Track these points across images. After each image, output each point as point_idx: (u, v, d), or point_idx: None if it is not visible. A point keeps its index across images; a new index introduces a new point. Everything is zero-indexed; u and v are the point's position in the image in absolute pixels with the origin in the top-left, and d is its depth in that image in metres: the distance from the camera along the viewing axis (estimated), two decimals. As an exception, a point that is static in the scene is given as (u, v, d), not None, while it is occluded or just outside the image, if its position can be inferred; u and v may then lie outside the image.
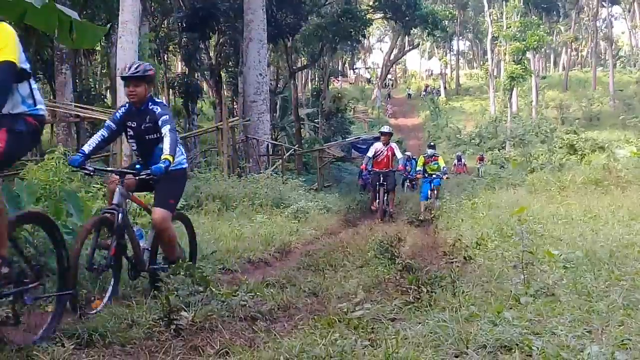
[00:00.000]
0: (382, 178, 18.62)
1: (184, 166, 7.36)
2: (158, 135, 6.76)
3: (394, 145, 19.15)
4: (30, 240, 6.75)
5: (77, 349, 4.56)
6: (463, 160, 38.73)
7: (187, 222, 7.98)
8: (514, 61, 56.73)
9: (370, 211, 19.54)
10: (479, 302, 5.56)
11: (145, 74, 6.89)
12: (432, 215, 18.00)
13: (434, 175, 20.04)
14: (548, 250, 7.70)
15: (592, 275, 6.44)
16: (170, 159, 6.40)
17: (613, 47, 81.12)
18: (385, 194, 18.64)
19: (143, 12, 21.92)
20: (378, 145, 18.95)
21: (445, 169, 20.81)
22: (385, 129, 19.66)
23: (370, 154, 18.92)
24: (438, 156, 21.02)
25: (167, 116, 6.79)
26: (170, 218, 7.01)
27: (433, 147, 21.95)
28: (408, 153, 32.86)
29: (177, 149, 6.74)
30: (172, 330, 5.10)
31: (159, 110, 6.84)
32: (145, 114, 6.90)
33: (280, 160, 28.49)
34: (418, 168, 21.22)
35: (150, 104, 6.92)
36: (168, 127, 6.65)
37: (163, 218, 6.82)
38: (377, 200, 18.77)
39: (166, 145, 6.49)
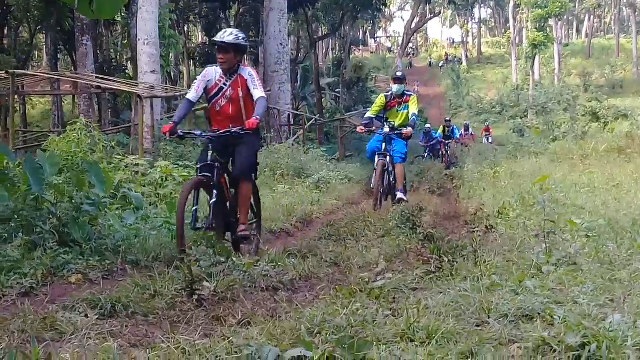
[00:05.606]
0: (217, 149, 7.66)
1: None
2: None
3: (248, 73, 7.92)
4: (54, 211, 6.79)
5: (100, 319, 4.59)
6: (471, 130, 37.97)
7: None
8: (536, 29, 56.30)
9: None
10: (501, 271, 5.54)
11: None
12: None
13: (389, 129, 12.53)
14: (570, 219, 7.66)
15: (614, 244, 6.40)
16: None
17: (637, 13, 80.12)
18: (222, 189, 7.70)
19: (163, -18, 21.88)
20: (210, 73, 8.02)
21: (414, 118, 12.66)
22: (228, 37, 7.76)
23: (191, 94, 8.02)
24: (410, 95, 12.97)
25: None
26: None
27: (401, 79, 12.92)
28: (428, 125, 32.47)
29: None
30: (194, 301, 5.12)
31: None
32: None
33: (302, 130, 28.49)
34: (368, 115, 13.23)
35: None
36: None
37: None
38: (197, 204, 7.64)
39: None
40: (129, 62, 35.44)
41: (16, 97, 20.93)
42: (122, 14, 29.71)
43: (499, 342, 3.66)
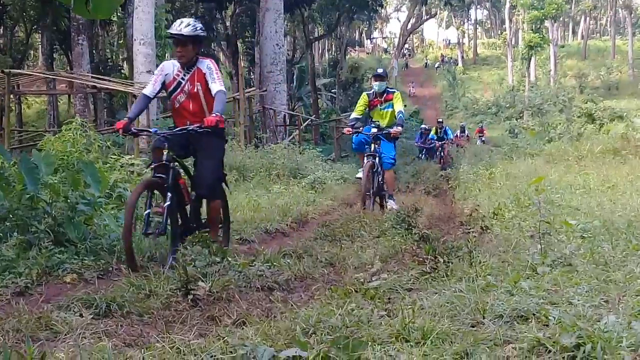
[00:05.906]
0: (175, 148, 7.04)
1: None
2: None
3: (207, 66, 7.37)
4: (49, 211, 6.79)
5: (95, 318, 4.59)
6: (467, 132, 37.84)
7: None
8: (532, 30, 56.36)
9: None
10: (496, 272, 5.54)
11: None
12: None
13: (376, 129, 11.86)
14: (565, 220, 7.66)
15: (609, 245, 6.40)
16: None
17: (632, 15, 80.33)
18: (179, 191, 7.11)
19: (159, -18, 21.87)
20: (168, 67, 7.52)
21: (401, 116, 11.90)
22: (185, 28, 7.15)
23: (148, 89, 7.40)
24: (392, 92, 12.27)
25: None
26: None
27: (382, 76, 12.30)
28: (424, 126, 32.56)
29: None
30: (189, 301, 5.12)
31: None
32: None
33: (297, 131, 28.53)
34: (353, 116, 12.58)
35: None
36: None
37: None
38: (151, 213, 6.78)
39: None
40: (125, 62, 35.40)
41: (12, 96, 20.89)
42: (118, 14, 29.71)
43: (494, 343, 3.67)
